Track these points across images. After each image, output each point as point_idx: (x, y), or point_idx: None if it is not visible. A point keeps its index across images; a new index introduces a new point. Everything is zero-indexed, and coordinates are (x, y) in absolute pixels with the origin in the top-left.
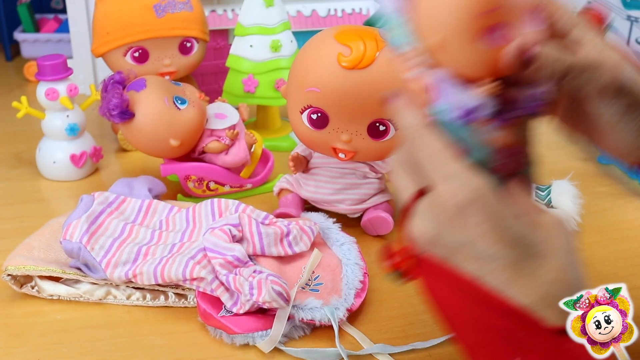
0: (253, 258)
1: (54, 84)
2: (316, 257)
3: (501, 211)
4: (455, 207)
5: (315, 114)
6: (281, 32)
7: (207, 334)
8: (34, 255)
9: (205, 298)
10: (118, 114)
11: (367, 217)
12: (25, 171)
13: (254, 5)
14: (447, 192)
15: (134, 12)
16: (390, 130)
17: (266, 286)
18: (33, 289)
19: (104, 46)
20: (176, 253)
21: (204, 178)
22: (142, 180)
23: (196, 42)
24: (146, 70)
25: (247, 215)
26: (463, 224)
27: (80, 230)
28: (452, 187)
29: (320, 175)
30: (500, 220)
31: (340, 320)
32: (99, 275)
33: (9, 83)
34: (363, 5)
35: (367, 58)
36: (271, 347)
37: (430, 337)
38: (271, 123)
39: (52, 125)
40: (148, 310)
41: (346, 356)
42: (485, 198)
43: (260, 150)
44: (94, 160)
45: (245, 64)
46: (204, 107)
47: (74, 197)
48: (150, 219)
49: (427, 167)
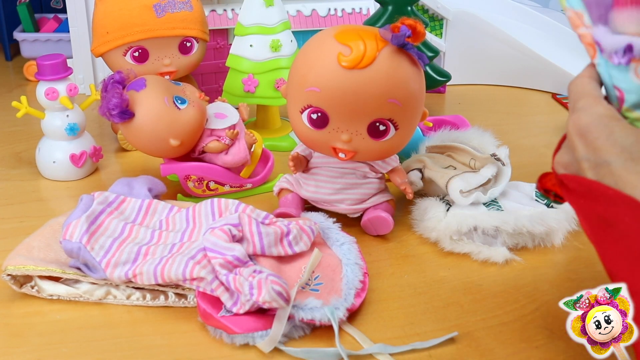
0: (253, 258)
1: (54, 83)
2: (316, 257)
3: (614, 127)
4: (577, 129)
5: (315, 113)
6: (281, 32)
7: (207, 334)
8: (34, 255)
9: (205, 298)
10: (118, 113)
11: (367, 217)
12: (25, 171)
13: (254, 5)
14: (574, 120)
15: (134, 11)
16: (390, 130)
17: (266, 286)
18: (33, 288)
19: (103, 46)
20: (176, 253)
21: (204, 178)
22: (142, 180)
23: (196, 41)
24: (146, 70)
25: (247, 215)
26: (584, 141)
27: (80, 230)
28: (577, 115)
29: (320, 175)
30: (612, 134)
31: (340, 320)
32: (98, 275)
33: (9, 83)
34: (363, 5)
35: (367, 58)
36: (271, 347)
37: (430, 337)
38: (271, 123)
39: (52, 125)
40: (148, 310)
41: (346, 356)
42: (602, 119)
43: (260, 150)
44: (94, 160)
45: (245, 64)
46: (204, 106)
47: (74, 197)
48: (150, 219)
49: (572, 106)
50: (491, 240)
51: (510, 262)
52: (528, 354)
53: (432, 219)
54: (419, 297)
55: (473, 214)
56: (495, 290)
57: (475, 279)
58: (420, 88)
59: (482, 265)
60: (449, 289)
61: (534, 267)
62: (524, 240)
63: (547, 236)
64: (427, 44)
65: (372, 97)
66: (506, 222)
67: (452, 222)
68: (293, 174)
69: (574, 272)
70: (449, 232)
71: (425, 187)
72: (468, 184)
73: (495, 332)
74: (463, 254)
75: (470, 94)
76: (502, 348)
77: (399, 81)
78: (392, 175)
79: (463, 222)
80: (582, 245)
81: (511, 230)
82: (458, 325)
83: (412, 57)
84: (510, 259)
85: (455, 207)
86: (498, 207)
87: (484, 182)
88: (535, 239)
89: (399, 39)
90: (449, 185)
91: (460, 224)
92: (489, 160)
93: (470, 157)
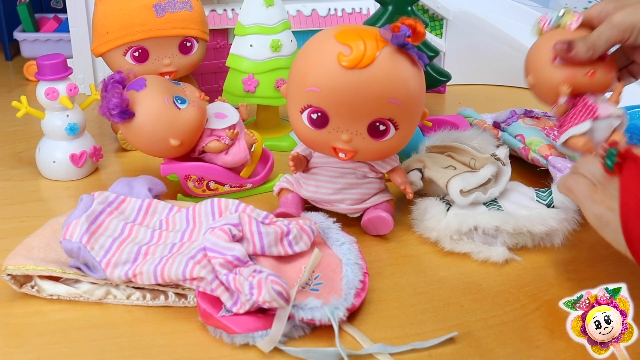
0: (253, 258)
1: (54, 83)
2: (316, 257)
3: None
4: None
5: (316, 113)
6: (281, 32)
7: (207, 334)
8: (34, 255)
9: (205, 298)
10: (118, 113)
11: (367, 216)
12: (25, 171)
13: (254, 4)
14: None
15: (134, 11)
16: (390, 130)
17: (266, 286)
18: (33, 288)
19: (103, 46)
20: (176, 253)
21: (204, 178)
22: (142, 180)
23: (196, 41)
24: (146, 69)
25: (247, 214)
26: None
27: (80, 230)
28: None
29: (320, 175)
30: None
31: (340, 320)
32: (98, 275)
33: (9, 82)
34: (363, 5)
35: (367, 58)
36: (271, 347)
37: (430, 337)
38: (271, 123)
39: (52, 124)
40: (148, 310)
41: (346, 356)
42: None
43: (260, 150)
44: (94, 160)
45: (245, 64)
46: (204, 106)
47: (74, 197)
48: (150, 219)
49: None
50: (491, 240)
51: (510, 261)
52: (528, 354)
53: (432, 218)
54: (419, 297)
55: (473, 214)
56: (495, 290)
57: (475, 278)
58: (420, 88)
59: (482, 265)
60: (449, 289)
61: (534, 266)
62: (524, 240)
63: (547, 236)
64: (427, 44)
65: (372, 97)
66: (506, 222)
67: (452, 222)
68: (293, 174)
69: (574, 272)
70: (449, 232)
71: (425, 187)
72: (468, 184)
73: (495, 332)
74: (463, 254)
75: (470, 94)
76: (502, 348)
77: (399, 81)
78: (392, 175)
79: (463, 222)
80: (583, 245)
81: (511, 230)
82: (458, 325)
83: (412, 57)
84: (510, 258)
85: (455, 207)
86: (498, 207)
87: (483, 182)
88: (536, 238)
89: (399, 38)
90: (448, 185)
91: (461, 224)
92: (489, 160)
93: (470, 157)
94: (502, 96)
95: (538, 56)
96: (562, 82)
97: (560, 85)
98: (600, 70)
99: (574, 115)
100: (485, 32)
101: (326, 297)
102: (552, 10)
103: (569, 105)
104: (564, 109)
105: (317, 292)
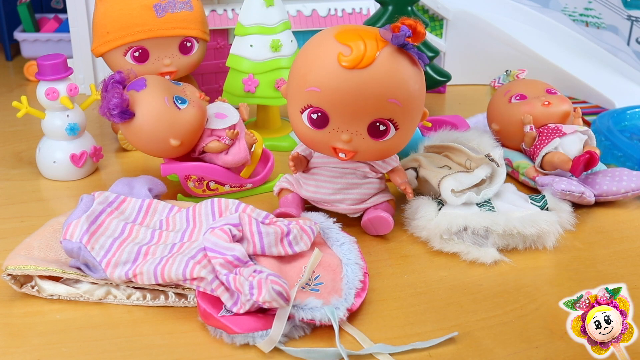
0: (253, 258)
1: (54, 83)
2: (316, 257)
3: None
4: None
5: (316, 113)
6: (281, 32)
7: (207, 334)
8: (34, 255)
9: (205, 298)
10: (118, 113)
11: (367, 216)
12: (25, 171)
13: (254, 5)
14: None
15: (134, 11)
16: (390, 130)
17: (266, 286)
18: (33, 288)
19: (104, 46)
20: (176, 253)
21: (204, 178)
22: (142, 180)
23: (196, 41)
24: (146, 69)
25: (248, 214)
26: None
27: (80, 230)
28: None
29: (320, 175)
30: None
31: (340, 320)
32: (99, 275)
33: (9, 83)
34: (363, 5)
35: (367, 58)
36: (271, 347)
37: (430, 337)
38: (271, 123)
39: (52, 124)
40: (148, 310)
41: (346, 356)
42: None
43: (261, 150)
44: (94, 160)
45: (246, 64)
46: (204, 106)
47: (74, 197)
48: (150, 219)
49: None
50: (482, 240)
51: (510, 262)
52: (528, 354)
53: (422, 217)
54: (419, 297)
55: (464, 214)
56: (495, 290)
57: (475, 279)
58: (420, 88)
59: (483, 265)
60: (449, 289)
61: (534, 267)
62: (515, 242)
63: (539, 238)
64: (427, 44)
65: (372, 97)
66: (496, 223)
67: (442, 222)
68: (293, 174)
69: (574, 272)
70: (439, 232)
71: (420, 186)
72: (460, 184)
73: (495, 332)
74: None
75: (470, 94)
76: (502, 348)
77: (399, 81)
78: (392, 175)
79: (453, 222)
80: (582, 245)
81: (501, 231)
82: (458, 325)
83: (412, 57)
84: (499, 260)
85: (447, 207)
86: (490, 207)
87: (477, 183)
88: (527, 241)
89: (399, 39)
90: (441, 184)
91: (450, 224)
92: (484, 160)
93: (466, 158)
94: None
95: (496, 105)
96: (522, 114)
97: (522, 117)
98: (555, 100)
99: (542, 139)
100: (485, 32)
101: (326, 297)
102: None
103: (535, 134)
104: (532, 137)
105: (317, 292)
